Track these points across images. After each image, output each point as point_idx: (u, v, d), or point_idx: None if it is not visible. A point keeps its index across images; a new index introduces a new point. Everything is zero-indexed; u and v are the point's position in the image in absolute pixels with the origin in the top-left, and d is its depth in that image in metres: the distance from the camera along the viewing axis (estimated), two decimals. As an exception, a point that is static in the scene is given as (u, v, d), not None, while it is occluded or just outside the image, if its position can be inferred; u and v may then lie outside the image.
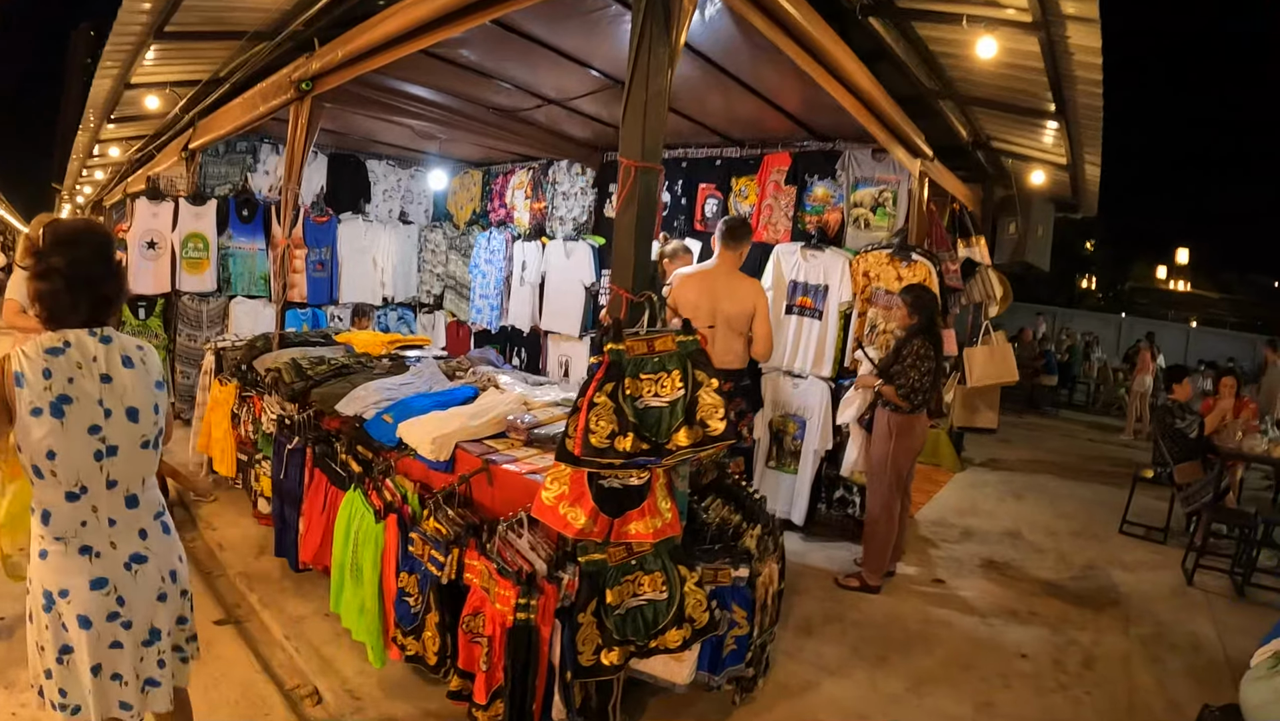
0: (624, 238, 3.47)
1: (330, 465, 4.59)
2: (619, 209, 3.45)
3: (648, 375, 3.20)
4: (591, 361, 3.25)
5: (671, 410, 3.21)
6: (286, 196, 6.39)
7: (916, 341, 5.70)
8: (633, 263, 3.43)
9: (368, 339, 6.58)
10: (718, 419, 3.24)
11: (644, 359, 3.22)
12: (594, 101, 7.17)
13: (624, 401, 3.12)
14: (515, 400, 4.43)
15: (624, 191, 3.37)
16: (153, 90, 8.25)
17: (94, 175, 17.30)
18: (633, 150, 3.36)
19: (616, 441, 3.06)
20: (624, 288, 3.44)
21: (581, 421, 3.06)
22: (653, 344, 3.25)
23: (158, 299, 9.08)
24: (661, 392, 3.20)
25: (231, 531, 6.17)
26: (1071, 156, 7.61)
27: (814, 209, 7.48)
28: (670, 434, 3.18)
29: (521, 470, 3.70)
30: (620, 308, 3.44)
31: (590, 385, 3.12)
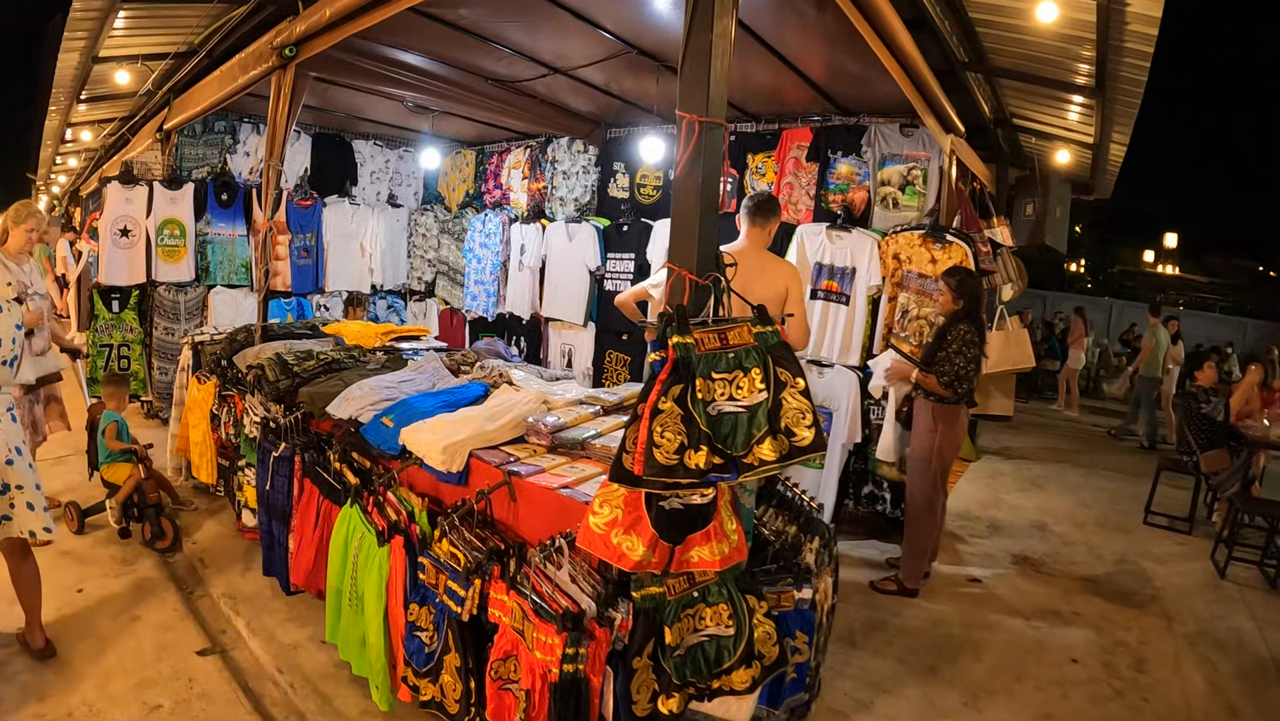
0: (685, 207, 2.93)
1: (322, 475, 4.06)
2: (679, 173, 2.90)
3: (721, 374, 2.68)
4: (652, 359, 2.72)
5: (751, 417, 2.68)
6: (268, 175, 5.86)
7: (962, 326, 5.31)
8: (697, 237, 2.88)
9: (359, 330, 6.04)
10: (805, 426, 2.72)
11: (716, 355, 2.69)
12: (601, 71, 6.64)
13: (694, 407, 2.60)
14: (534, 399, 3.89)
15: (685, 152, 2.83)
16: (123, 64, 7.66)
17: (68, 163, 16.73)
18: (694, 102, 2.84)
19: (687, 457, 2.54)
20: (686, 267, 2.90)
21: (643, 433, 2.53)
22: (726, 336, 2.73)
23: (132, 290, 8.57)
24: (738, 395, 2.68)
25: (214, 545, 5.70)
26: (1099, 134, 7.19)
27: (838, 187, 7.01)
28: (750, 445, 2.66)
29: (551, 483, 3.18)
30: (682, 292, 2.89)
31: (653, 388, 2.60)
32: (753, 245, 5.04)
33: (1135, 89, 5.91)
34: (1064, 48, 5.56)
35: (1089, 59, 5.57)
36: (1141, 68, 5.49)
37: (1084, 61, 5.68)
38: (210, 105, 7.09)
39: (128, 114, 10.22)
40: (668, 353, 2.63)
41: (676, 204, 2.95)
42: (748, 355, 2.72)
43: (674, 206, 2.96)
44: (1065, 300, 27.77)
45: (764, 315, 2.83)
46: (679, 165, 2.85)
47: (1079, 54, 5.56)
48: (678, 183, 2.91)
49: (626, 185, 8.39)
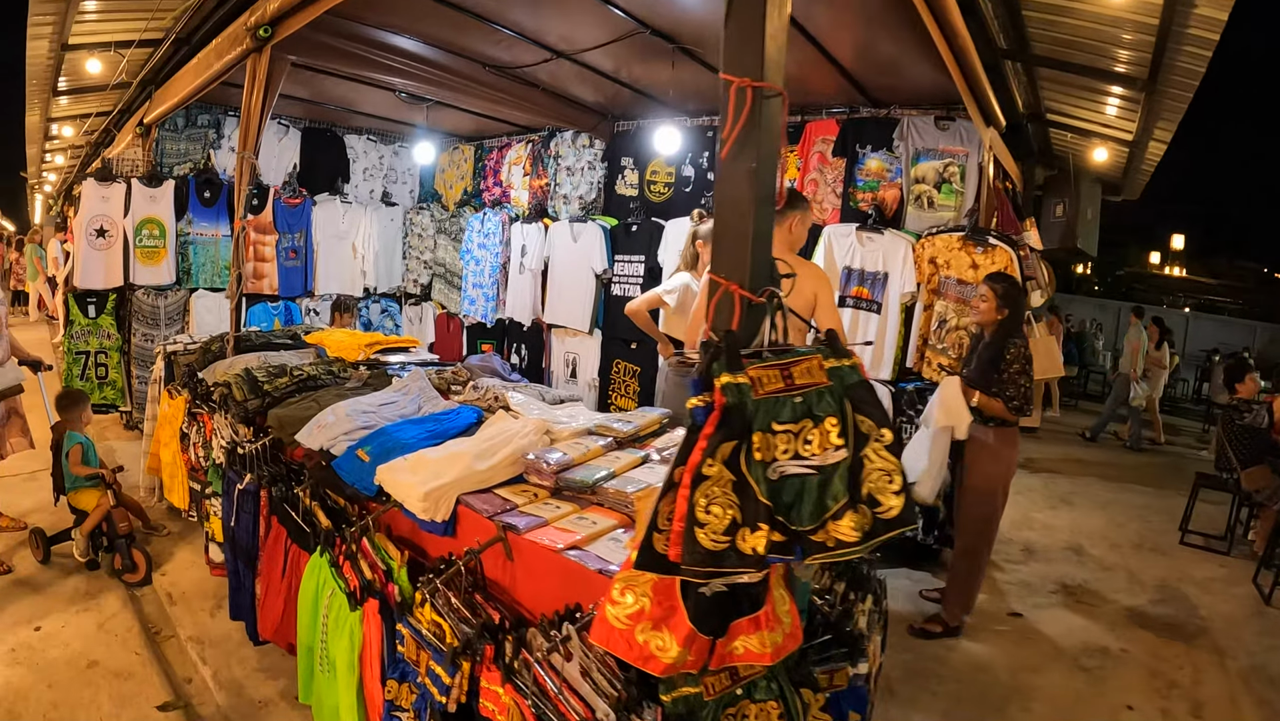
0: (734, 197, 2.26)
1: (290, 515, 3.50)
2: (725, 154, 2.22)
3: (785, 425, 2.03)
4: (693, 405, 2.04)
5: (825, 482, 2.04)
6: (241, 168, 5.31)
7: (1018, 341, 4.84)
8: (750, 237, 2.22)
9: (342, 340, 5.50)
10: (892, 492, 2.06)
11: (779, 400, 2.05)
12: (610, 56, 6.13)
13: (751, 471, 1.97)
14: (534, 430, 3.31)
15: (735, 127, 2.17)
16: (95, 52, 7.17)
17: (55, 160, 16.31)
18: (745, 62, 2.19)
19: (740, 538, 1.93)
20: (736, 278, 2.23)
21: (682, 507, 1.92)
22: (790, 374, 2.09)
23: (109, 294, 8.09)
24: (806, 453, 2.03)
25: (185, 577, 5.23)
26: (1140, 130, 6.80)
27: (867, 184, 6.47)
28: (823, 519, 2.02)
29: (555, 542, 2.61)
30: (730, 313, 2.23)
31: (695, 446, 1.97)
32: (776, 248, 4.54)
33: (1190, 81, 5.56)
34: (1117, 34, 5.17)
35: (1145, 46, 5.17)
36: (1201, 58, 5.14)
37: (1139, 50, 5.29)
38: (187, 95, 6.60)
39: (111, 108, 9.83)
40: (714, 397, 2.00)
41: (721, 195, 2.29)
42: (820, 399, 2.08)
43: (718, 198, 2.30)
44: (1074, 303, 27.25)
45: (836, 343, 2.20)
46: (726, 144, 2.19)
47: (1133, 41, 5.19)
48: (725, 167, 2.24)
49: (635, 182, 7.85)
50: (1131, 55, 5.39)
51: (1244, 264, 44.47)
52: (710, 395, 2.00)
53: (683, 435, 3.31)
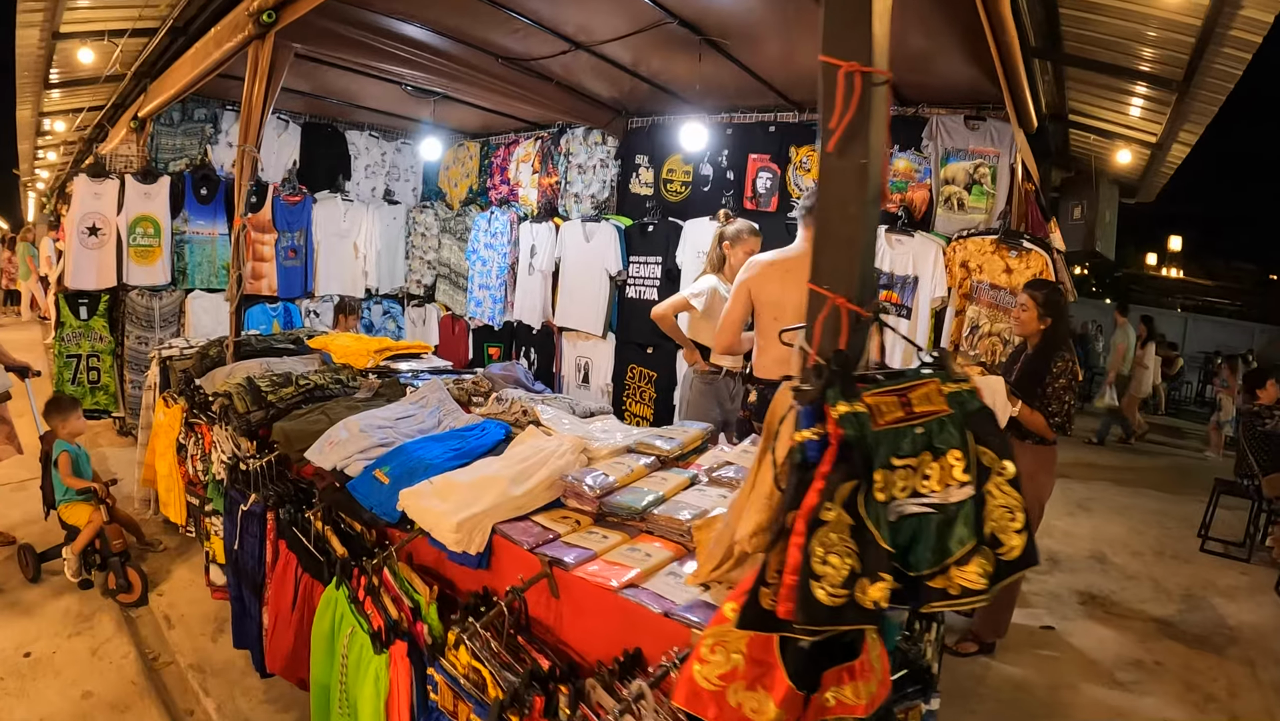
0: (840, 198, 1.94)
1: (301, 540, 3.20)
2: (832, 148, 1.89)
3: (904, 460, 1.76)
4: (802, 439, 1.75)
5: (947, 522, 1.78)
6: (242, 163, 5.02)
7: (1067, 357, 4.56)
8: (861, 244, 1.91)
9: (349, 345, 5.20)
10: (1014, 530, 1.80)
11: (900, 431, 1.77)
12: (629, 48, 5.85)
13: (870, 513, 1.70)
14: (571, 449, 3.01)
15: (843, 119, 1.84)
16: (87, 41, 6.88)
17: (47, 157, 16.03)
18: (851, 44, 1.87)
19: (859, 590, 1.66)
20: (843, 290, 1.90)
21: (795, 558, 1.65)
22: (909, 400, 1.81)
23: (101, 294, 7.81)
24: (924, 489, 1.77)
25: (183, 597, 4.93)
26: (1165, 133, 6.58)
27: (895, 185, 6.23)
28: (944, 564, 1.77)
29: (609, 579, 2.33)
30: (838, 332, 1.91)
31: (810, 487, 1.69)
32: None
33: (1224, 84, 5.38)
34: (1154, 34, 4.99)
35: (1183, 47, 5.02)
36: (1240, 60, 4.96)
37: (1175, 50, 5.12)
38: (184, 87, 6.31)
39: (104, 102, 9.55)
40: (828, 428, 1.72)
41: (826, 195, 1.97)
42: (941, 429, 1.80)
43: (822, 199, 1.98)
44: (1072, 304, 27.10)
45: (947, 364, 1.92)
46: (833, 137, 1.86)
47: (1170, 41, 5.01)
48: (830, 163, 1.91)
49: (651, 180, 7.57)
50: (1166, 56, 5.23)
51: (1241, 265, 44.48)
52: (823, 427, 1.72)
53: (731, 454, 3.02)
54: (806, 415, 1.75)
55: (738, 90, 6.46)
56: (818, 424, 1.74)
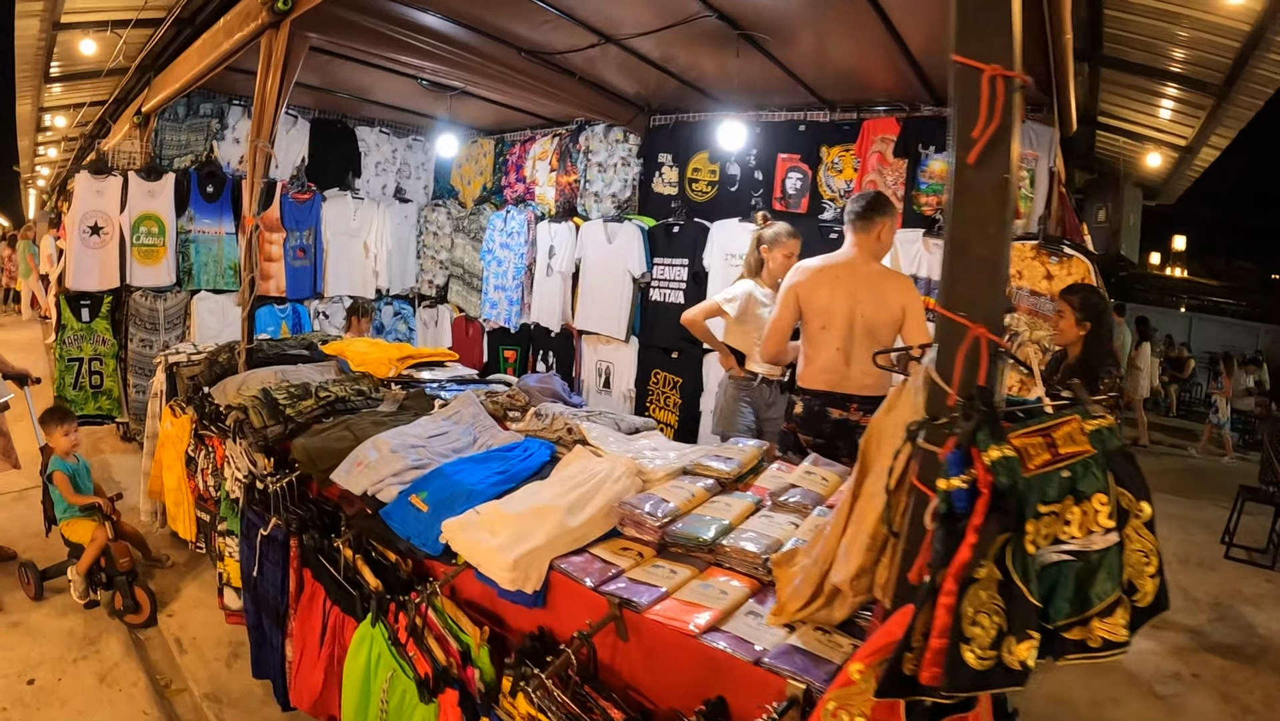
0: (980, 216, 1.72)
1: (329, 570, 2.95)
2: (975, 159, 1.66)
3: (1050, 506, 1.58)
4: (949, 487, 1.54)
5: (1089, 571, 1.61)
6: (254, 160, 4.77)
7: (1115, 374, 4.39)
8: (1000, 264, 1.70)
9: (367, 352, 4.94)
10: (1149, 575, 1.66)
11: (1046, 476, 1.58)
12: (658, 42, 5.59)
13: (1017, 567, 1.52)
14: (625, 472, 2.76)
15: (987, 128, 1.63)
16: (89, 32, 6.64)
17: (48, 153, 15.83)
18: (991, 44, 1.67)
19: (1007, 649, 1.49)
20: (982, 320, 1.68)
21: (944, 620, 1.45)
22: (1053, 440, 1.60)
23: (104, 296, 7.51)
24: (1065, 535, 1.59)
25: (194, 618, 4.65)
26: (1196, 136, 6.56)
27: (931, 188, 5.97)
28: (1084, 614, 1.61)
29: (688, 622, 2.09)
30: (978, 365, 1.67)
31: (961, 543, 1.49)
32: (862, 256, 4.10)
33: (1264, 89, 5.39)
34: (1198, 38, 4.95)
35: (1227, 51, 4.99)
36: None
37: (1219, 54, 5.10)
38: (191, 80, 6.06)
39: (106, 96, 9.36)
40: (976, 474, 1.51)
41: (963, 212, 1.74)
42: (1085, 472, 1.61)
43: (957, 217, 1.74)
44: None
45: (1084, 396, 1.70)
46: (975, 148, 1.63)
47: (1214, 45, 4.99)
48: (969, 177, 1.69)
49: (675, 180, 7.30)
50: (1208, 59, 5.17)
51: (1242, 264, 44.41)
52: (972, 473, 1.49)
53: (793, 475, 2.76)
54: (955, 461, 1.55)
55: (767, 87, 6.21)
56: (967, 470, 1.52)
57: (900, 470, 1.78)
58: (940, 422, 1.65)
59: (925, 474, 1.67)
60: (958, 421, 1.57)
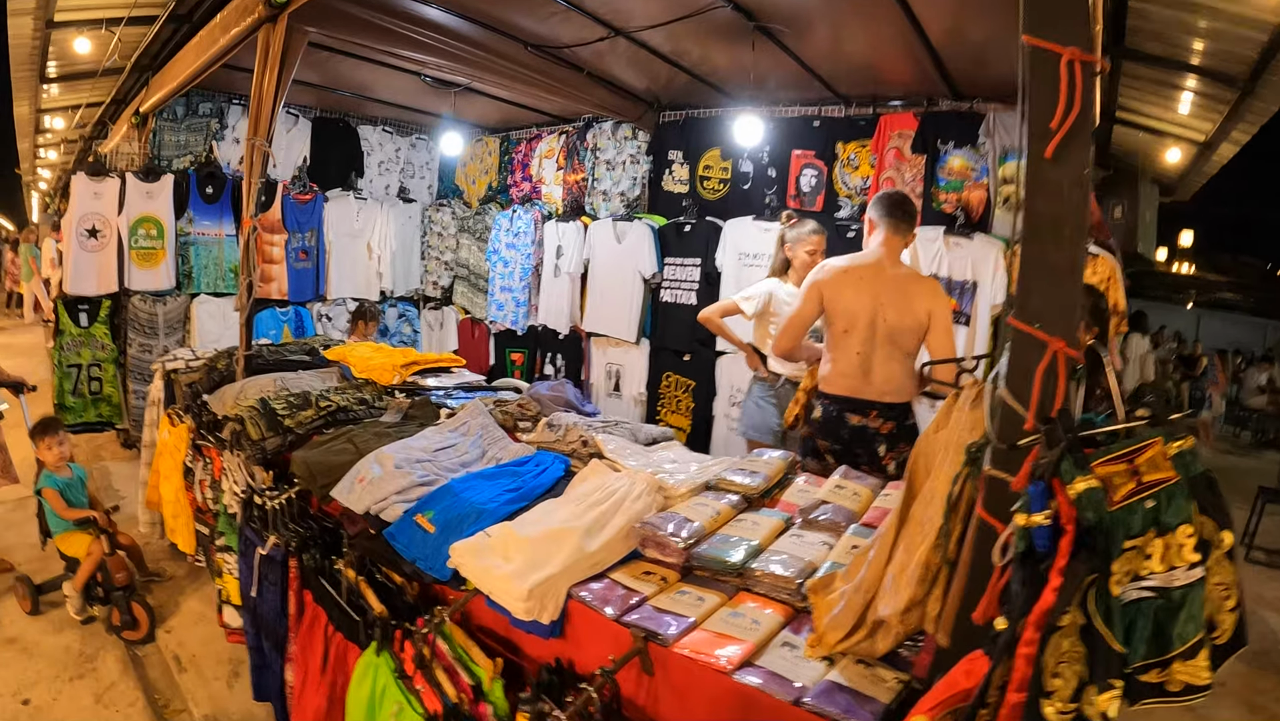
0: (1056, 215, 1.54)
1: (330, 594, 2.78)
2: (1052, 153, 1.48)
3: (1133, 540, 1.42)
4: (1029, 524, 1.37)
5: (1169, 609, 1.44)
6: (251, 158, 4.60)
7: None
8: (1079, 278, 1.53)
9: (371, 358, 4.76)
10: (1228, 610, 1.51)
11: (1131, 508, 1.42)
12: (669, 36, 5.42)
13: (1099, 609, 1.35)
14: (646, 489, 2.58)
15: (1066, 118, 1.45)
16: (84, 30, 6.49)
17: (48, 156, 15.69)
18: (1067, 25, 1.52)
19: (1088, 701, 1.33)
20: (1060, 334, 1.50)
21: (1023, 672, 1.30)
22: (1137, 467, 1.43)
23: (102, 300, 7.35)
24: (1145, 570, 1.42)
25: (193, 635, 4.51)
26: (1216, 132, 6.39)
27: (950, 184, 5.78)
28: (1165, 656, 1.45)
29: (720, 657, 1.92)
30: (1056, 382, 1.49)
31: (1044, 587, 1.33)
32: (890, 257, 3.95)
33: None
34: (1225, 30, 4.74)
35: (1253, 45, 4.80)
36: None
37: (1244, 47, 4.90)
38: (188, 78, 5.90)
39: (104, 98, 9.22)
40: (1058, 508, 1.34)
41: (1038, 211, 1.55)
42: (1169, 502, 1.43)
43: (1031, 218, 1.56)
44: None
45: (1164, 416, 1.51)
46: (1053, 142, 1.43)
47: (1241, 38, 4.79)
48: (1042, 175, 1.51)
49: (685, 177, 7.12)
50: (1233, 52, 4.97)
51: (1248, 260, 44.23)
52: (1053, 508, 1.32)
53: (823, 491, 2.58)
54: (1036, 494, 1.36)
55: (781, 82, 6.04)
56: (1047, 505, 1.35)
57: (958, 497, 1.62)
58: (1014, 448, 1.47)
59: (993, 503, 1.50)
60: (1038, 448, 1.40)
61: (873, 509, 2.57)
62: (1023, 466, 1.42)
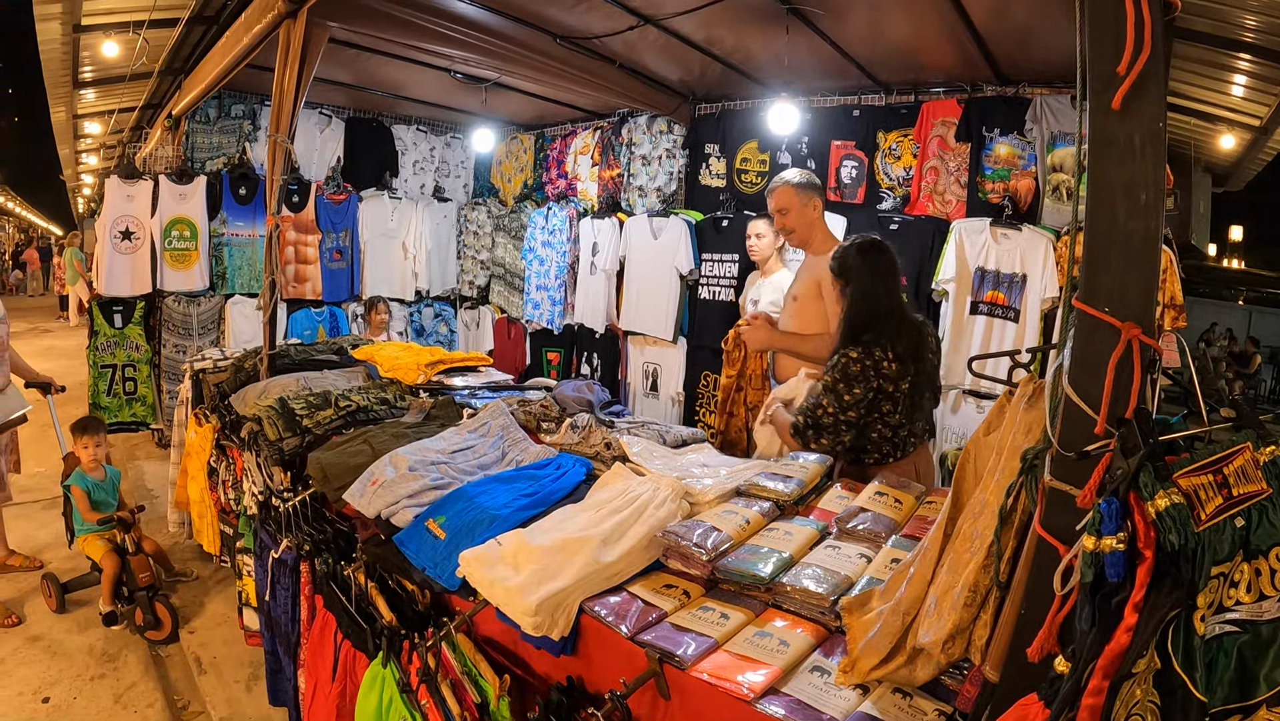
0: (1128, 180, 1.33)
1: (341, 601, 2.65)
2: (1119, 103, 1.27)
3: (1220, 567, 1.19)
4: (1098, 548, 1.15)
5: (1256, 645, 1.23)
6: (274, 155, 4.51)
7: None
8: (1153, 245, 1.30)
9: (397, 356, 4.66)
10: None
11: (1218, 528, 1.19)
12: (701, 24, 5.26)
13: (1179, 653, 1.15)
14: (671, 495, 2.42)
15: (1134, 64, 1.24)
16: (111, 34, 6.48)
17: (88, 161, 15.85)
18: None
19: None
20: (1134, 318, 1.29)
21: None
22: (1225, 478, 1.22)
23: (137, 301, 7.36)
24: (1230, 600, 1.21)
25: (215, 636, 4.45)
26: (1273, 115, 6.10)
27: (996, 173, 5.55)
28: (1251, 700, 1.23)
29: (742, 684, 1.74)
30: (1130, 377, 1.28)
31: (1116, 627, 1.11)
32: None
33: None
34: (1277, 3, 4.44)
35: None
36: None
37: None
38: (216, 79, 5.86)
39: (138, 102, 9.32)
40: (1136, 529, 1.14)
41: (1103, 176, 1.34)
42: (1261, 518, 1.23)
43: (1096, 181, 1.35)
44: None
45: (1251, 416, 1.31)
46: (1119, 90, 1.21)
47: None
48: (1107, 131, 1.31)
49: (723, 171, 6.94)
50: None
51: (1293, 252, 43.25)
52: (1128, 529, 1.13)
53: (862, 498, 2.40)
54: (1110, 513, 1.14)
55: (818, 70, 5.83)
56: (1122, 526, 1.14)
57: (1011, 509, 1.44)
58: (1082, 456, 1.27)
59: (1053, 519, 1.31)
60: (1109, 455, 1.20)
61: (914, 518, 2.38)
62: (1091, 477, 1.22)
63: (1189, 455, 1.22)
